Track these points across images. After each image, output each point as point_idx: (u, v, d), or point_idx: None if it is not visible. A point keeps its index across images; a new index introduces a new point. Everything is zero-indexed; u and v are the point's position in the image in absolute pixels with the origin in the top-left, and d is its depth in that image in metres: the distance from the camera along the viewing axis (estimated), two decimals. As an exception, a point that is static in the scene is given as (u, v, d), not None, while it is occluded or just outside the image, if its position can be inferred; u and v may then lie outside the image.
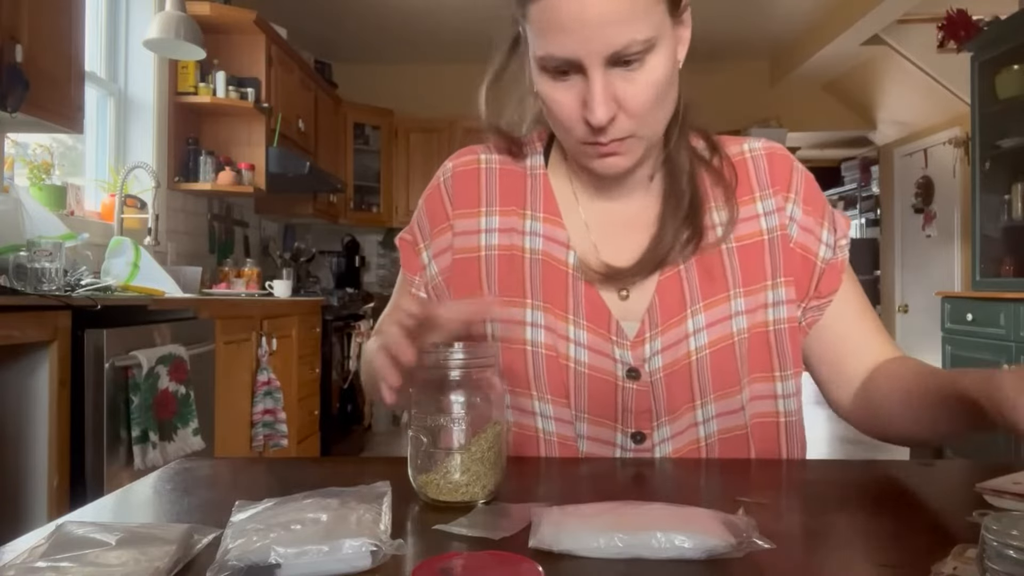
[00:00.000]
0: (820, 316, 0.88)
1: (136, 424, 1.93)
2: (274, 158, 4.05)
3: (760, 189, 0.88)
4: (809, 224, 0.88)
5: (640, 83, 0.74)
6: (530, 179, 0.90)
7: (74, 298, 1.88)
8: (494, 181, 0.91)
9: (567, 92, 0.75)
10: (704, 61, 6.10)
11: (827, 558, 0.53)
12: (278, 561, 0.48)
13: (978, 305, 3.78)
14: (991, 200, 3.97)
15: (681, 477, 0.79)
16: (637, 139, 0.78)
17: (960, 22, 4.21)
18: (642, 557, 0.51)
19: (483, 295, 0.87)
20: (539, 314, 0.85)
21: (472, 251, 0.89)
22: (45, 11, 2.28)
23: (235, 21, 3.90)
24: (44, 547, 0.49)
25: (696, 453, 0.84)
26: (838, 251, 0.89)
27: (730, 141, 0.92)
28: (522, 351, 0.84)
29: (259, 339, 3.10)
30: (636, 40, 0.71)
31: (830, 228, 0.89)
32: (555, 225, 0.88)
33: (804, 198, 0.88)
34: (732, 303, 0.84)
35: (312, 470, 0.83)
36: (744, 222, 0.87)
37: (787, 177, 0.88)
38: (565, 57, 0.73)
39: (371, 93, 5.91)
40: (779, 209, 0.87)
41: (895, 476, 0.81)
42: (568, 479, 0.78)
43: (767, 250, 0.86)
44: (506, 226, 0.89)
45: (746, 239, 0.86)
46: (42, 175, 2.84)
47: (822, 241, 0.88)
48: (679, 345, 0.83)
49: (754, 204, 0.88)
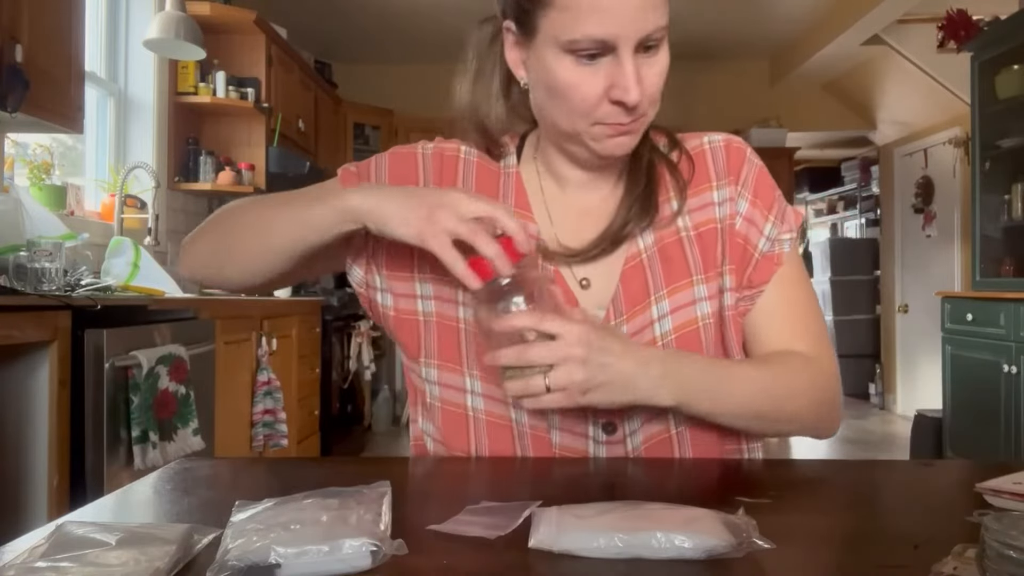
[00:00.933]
0: (751, 306, 0.89)
1: (136, 424, 1.93)
2: (274, 158, 4.05)
3: (717, 179, 0.90)
4: (753, 216, 0.89)
5: (656, 67, 0.78)
6: (503, 176, 0.92)
7: (74, 298, 1.88)
8: (471, 174, 0.92)
9: (593, 74, 0.77)
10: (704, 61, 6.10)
11: (827, 558, 0.53)
12: (278, 561, 0.48)
13: (978, 305, 3.78)
14: (991, 200, 3.97)
15: (681, 477, 0.79)
16: (646, 119, 0.82)
17: (960, 22, 4.21)
18: (642, 557, 0.51)
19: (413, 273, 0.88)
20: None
21: None
22: (45, 11, 2.28)
23: (235, 21, 3.90)
24: (44, 547, 0.49)
25: (667, 442, 0.85)
26: (777, 244, 0.89)
27: (691, 136, 0.94)
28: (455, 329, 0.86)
29: (259, 339, 3.10)
30: (660, 26, 0.76)
31: (776, 221, 0.89)
32: (525, 219, 0.89)
33: (753, 190, 0.90)
34: (695, 288, 0.87)
35: (312, 470, 0.83)
36: (702, 209, 0.89)
37: (739, 168, 0.90)
38: (602, 38, 0.75)
39: (371, 93, 5.91)
40: (730, 199, 0.89)
41: (895, 476, 0.81)
42: (564, 479, 0.78)
43: (719, 238, 0.89)
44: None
45: (703, 226, 0.89)
46: (42, 175, 2.84)
47: (763, 234, 0.89)
48: (644, 331, 0.85)
49: (711, 192, 0.90)
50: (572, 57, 0.77)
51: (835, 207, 8.39)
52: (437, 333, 0.87)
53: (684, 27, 5.20)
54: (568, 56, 0.77)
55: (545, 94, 0.82)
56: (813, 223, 9.13)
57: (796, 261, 0.91)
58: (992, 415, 3.61)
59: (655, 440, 0.85)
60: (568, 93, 0.79)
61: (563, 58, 0.78)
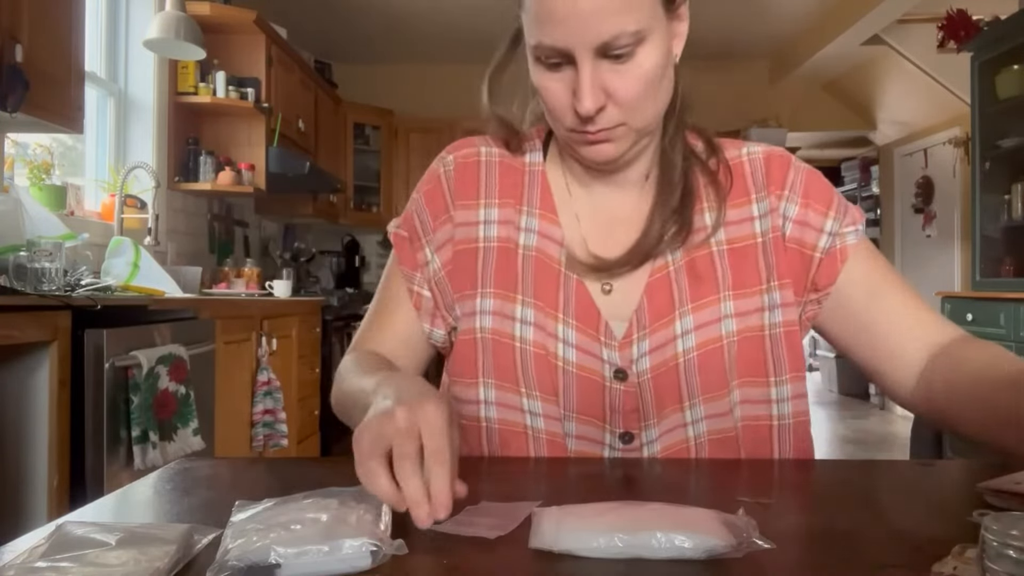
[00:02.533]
0: (819, 309, 0.87)
1: (136, 424, 1.93)
2: (274, 158, 4.05)
3: (756, 191, 0.87)
4: (806, 217, 0.86)
5: (629, 75, 0.74)
6: (528, 174, 0.91)
7: (74, 298, 1.88)
8: (494, 174, 0.91)
9: (559, 82, 0.76)
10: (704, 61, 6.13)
11: (827, 558, 0.53)
12: (278, 561, 0.48)
13: (978, 305, 3.78)
14: (991, 200, 3.97)
15: (680, 477, 0.79)
16: (627, 128, 0.78)
17: (960, 22, 4.21)
18: (642, 557, 0.51)
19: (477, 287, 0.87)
20: (529, 311, 0.84)
21: (471, 242, 0.89)
22: (45, 11, 2.28)
23: (235, 21, 3.90)
24: (44, 547, 0.49)
25: (684, 454, 0.84)
26: (839, 238, 0.85)
27: (730, 144, 0.91)
28: (511, 347, 0.84)
29: (259, 339, 3.10)
30: (626, 32, 0.72)
31: (837, 216, 0.86)
32: (550, 222, 0.88)
33: (802, 192, 0.87)
34: (722, 305, 0.84)
35: (312, 470, 0.83)
36: (738, 224, 0.87)
37: (783, 176, 0.87)
38: (555, 47, 0.73)
39: (371, 93, 5.91)
40: (772, 210, 0.87)
41: (895, 476, 0.81)
42: (564, 479, 0.78)
43: (761, 253, 0.86)
44: (504, 218, 0.89)
45: (738, 242, 0.86)
46: (42, 175, 2.84)
47: (824, 231, 0.85)
48: (667, 347, 0.83)
49: (749, 206, 0.87)
50: (542, 64, 0.76)
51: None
52: (494, 349, 0.85)
53: (684, 27, 5.20)
54: (538, 62, 0.77)
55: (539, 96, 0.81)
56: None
57: (874, 250, 0.88)
58: (992, 415, 3.60)
59: (673, 451, 0.84)
60: (544, 98, 0.79)
61: (536, 63, 0.77)
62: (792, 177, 0.88)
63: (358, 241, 5.97)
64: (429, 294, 0.90)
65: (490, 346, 0.85)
